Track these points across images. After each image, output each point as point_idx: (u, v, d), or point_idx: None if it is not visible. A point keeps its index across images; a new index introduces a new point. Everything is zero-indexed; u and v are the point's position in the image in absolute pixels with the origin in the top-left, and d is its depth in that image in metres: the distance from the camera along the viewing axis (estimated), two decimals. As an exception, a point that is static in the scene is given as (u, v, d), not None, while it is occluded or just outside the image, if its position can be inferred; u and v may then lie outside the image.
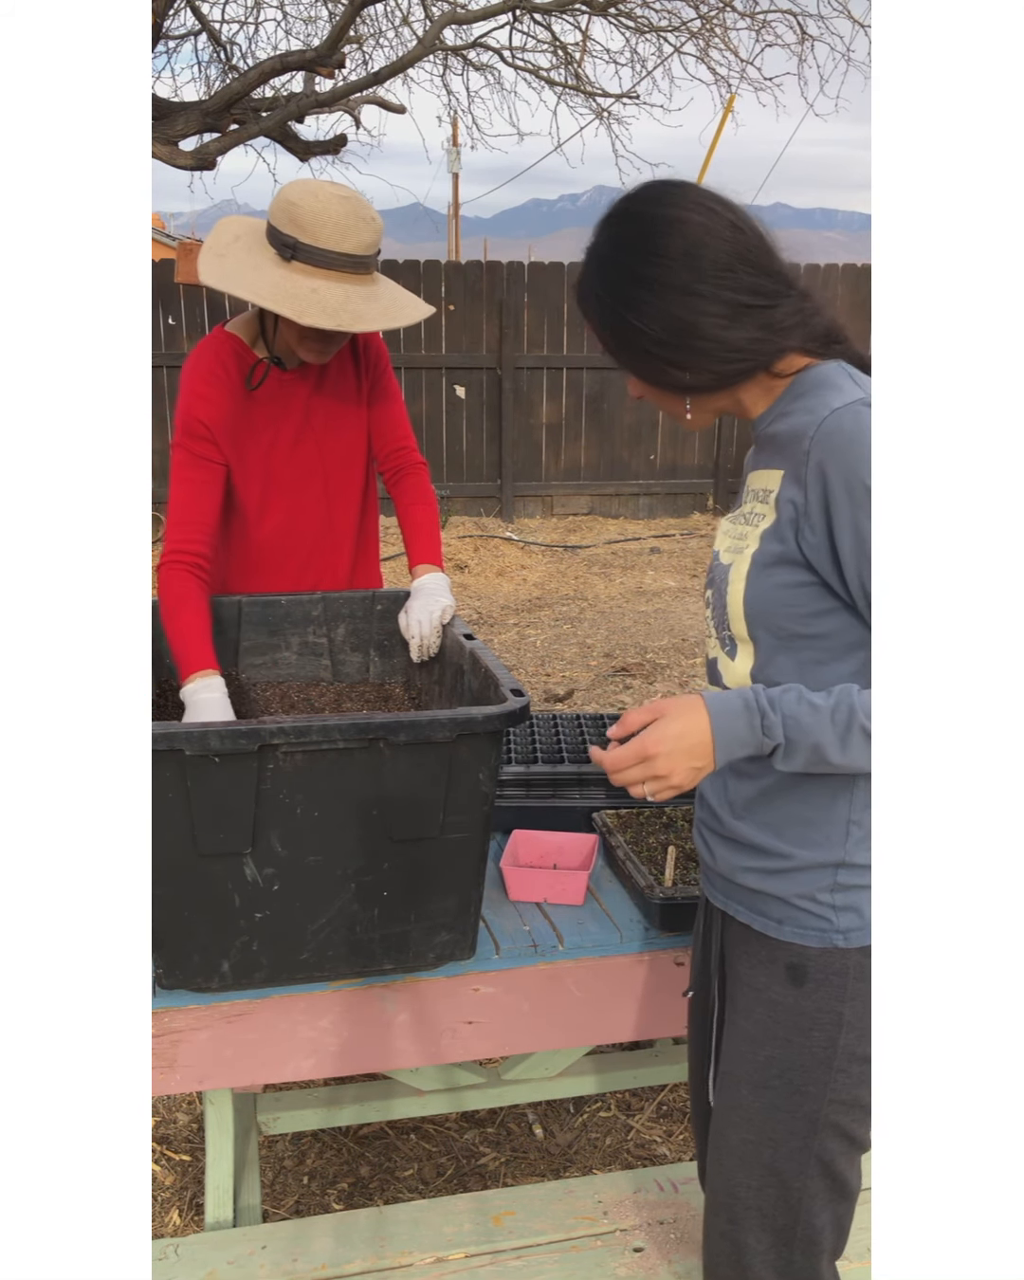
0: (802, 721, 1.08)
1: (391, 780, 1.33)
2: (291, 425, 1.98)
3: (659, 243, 1.11)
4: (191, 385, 1.89)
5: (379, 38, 7.95)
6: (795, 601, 1.14)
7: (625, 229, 1.15)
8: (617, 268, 1.15)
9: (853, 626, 1.13)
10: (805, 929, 1.19)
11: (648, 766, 1.11)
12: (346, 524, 2.08)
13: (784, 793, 1.19)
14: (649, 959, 1.57)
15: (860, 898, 1.17)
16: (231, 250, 1.80)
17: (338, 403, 2.01)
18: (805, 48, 7.97)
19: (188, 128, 6.16)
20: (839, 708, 1.07)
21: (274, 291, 1.72)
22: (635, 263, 1.13)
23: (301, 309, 1.71)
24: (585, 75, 8.18)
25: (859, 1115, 1.20)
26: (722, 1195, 1.27)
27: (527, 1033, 1.57)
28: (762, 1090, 1.22)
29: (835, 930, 1.17)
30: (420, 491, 2.09)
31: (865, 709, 1.06)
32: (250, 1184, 1.87)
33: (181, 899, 1.33)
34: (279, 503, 1.99)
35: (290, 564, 2.05)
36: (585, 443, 8.60)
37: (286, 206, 1.74)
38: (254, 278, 1.74)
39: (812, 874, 1.18)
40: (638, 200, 1.16)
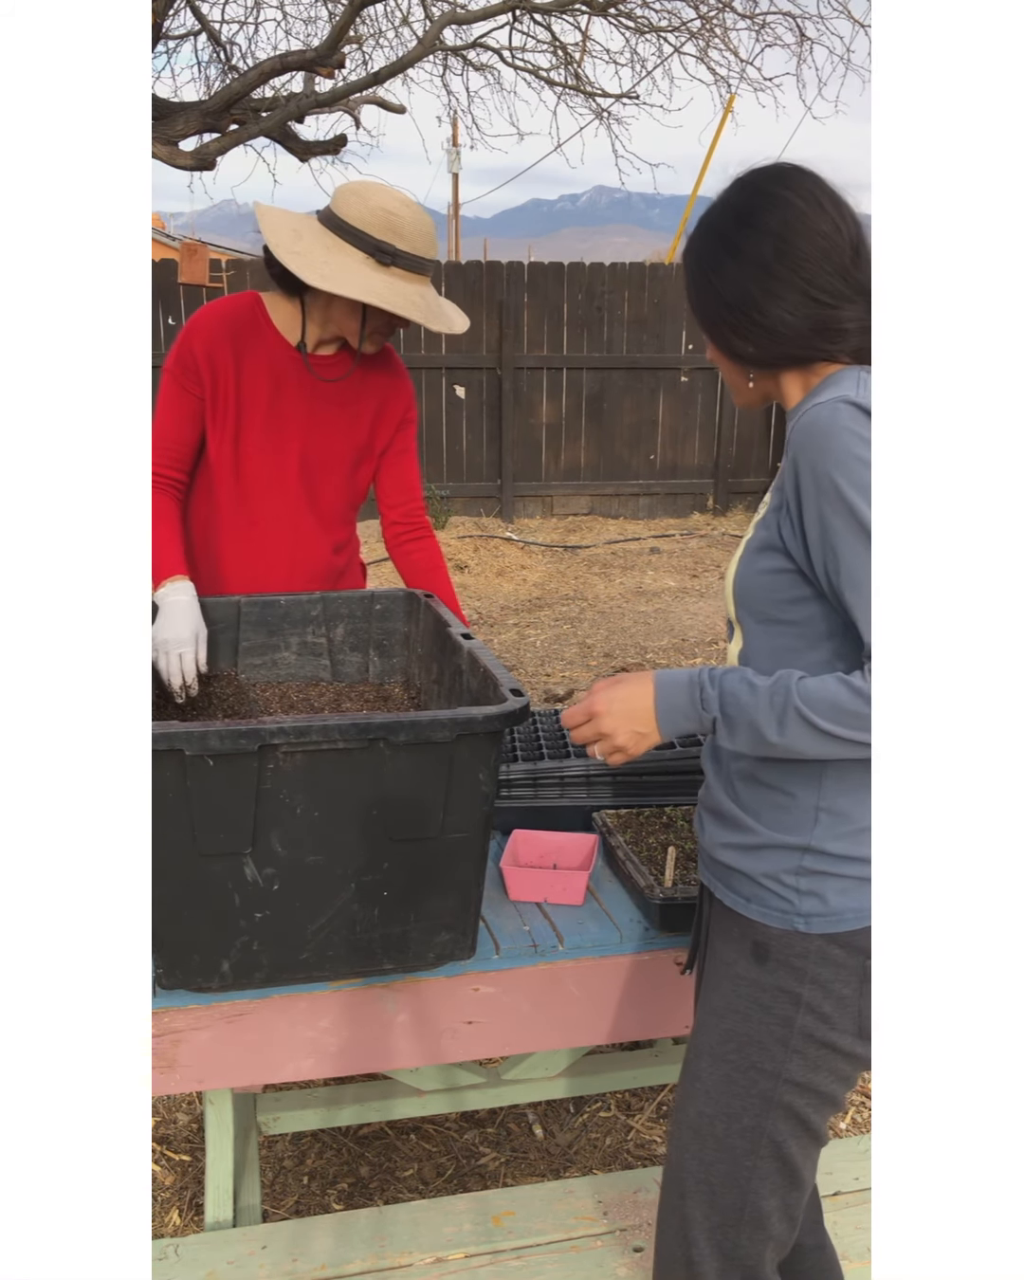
0: (740, 699, 1.13)
1: (391, 780, 1.33)
2: (296, 412, 1.99)
3: (758, 216, 1.17)
4: (197, 319, 1.97)
5: (379, 38, 7.95)
6: (775, 587, 1.18)
7: (736, 196, 1.22)
8: (714, 230, 1.22)
9: (826, 615, 1.16)
10: (768, 909, 1.21)
11: (595, 724, 1.22)
12: (332, 522, 2.10)
13: (765, 773, 1.22)
14: (649, 959, 1.57)
15: (825, 885, 1.19)
16: (305, 248, 1.82)
17: (342, 406, 2.02)
18: (805, 49, 7.97)
19: (188, 128, 6.16)
20: (777, 689, 1.11)
21: (393, 295, 1.82)
22: (731, 229, 1.19)
23: (426, 315, 1.85)
24: (585, 75, 8.18)
25: (815, 1102, 1.22)
26: (674, 1168, 1.30)
27: (526, 1033, 1.57)
28: (719, 1062, 1.25)
29: (796, 913, 1.19)
30: (435, 560, 2.16)
31: (803, 694, 1.09)
32: (250, 1184, 1.87)
33: (181, 899, 1.33)
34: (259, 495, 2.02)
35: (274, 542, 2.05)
36: (585, 443, 8.60)
37: (382, 214, 1.81)
38: (364, 282, 1.80)
39: (778, 854, 1.21)
40: (760, 174, 1.22)
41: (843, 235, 1.17)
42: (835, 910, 1.18)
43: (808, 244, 1.16)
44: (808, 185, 1.18)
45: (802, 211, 1.16)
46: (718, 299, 1.20)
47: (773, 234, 1.16)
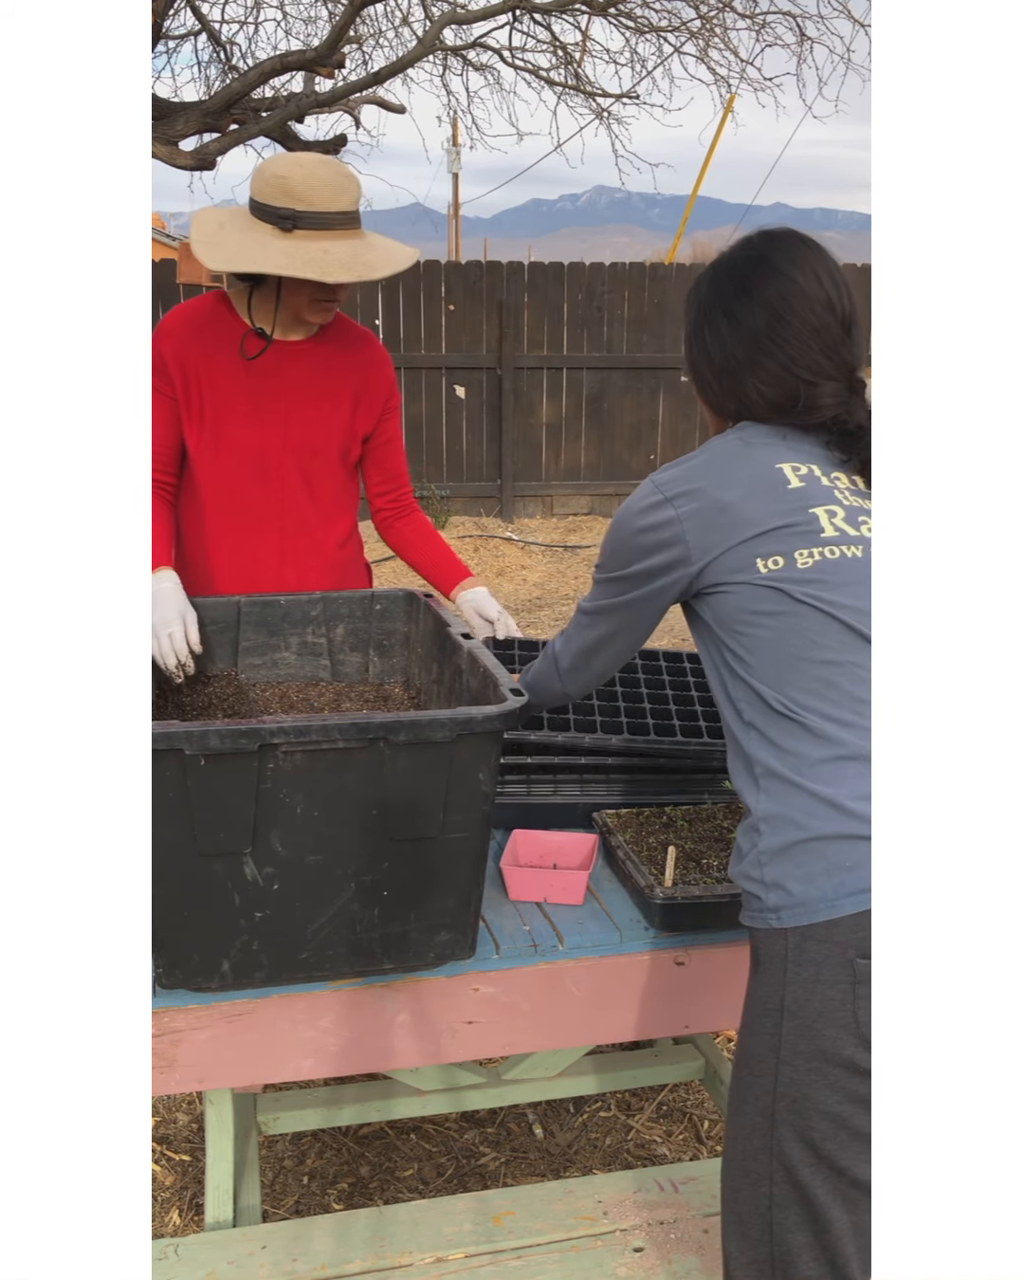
0: None
1: (391, 780, 1.33)
2: (267, 395, 2.00)
3: (757, 286, 1.25)
4: (163, 323, 1.98)
5: (379, 38, 7.95)
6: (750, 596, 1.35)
7: (741, 258, 1.29)
8: (716, 289, 1.30)
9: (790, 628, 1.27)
10: (751, 911, 1.22)
11: None
12: (331, 513, 2.10)
13: (730, 746, 1.29)
14: (649, 959, 1.57)
15: (785, 873, 1.18)
16: (223, 236, 1.84)
17: (320, 390, 2.03)
18: (805, 49, 7.97)
19: (188, 128, 6.16)
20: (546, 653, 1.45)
21: (288, 260, 1.78)
22: (730, 293, 1.28)
23: (323, 270, 1.78)
24: (585, 75, 8.17)
25: (823, 1125, 1.16)
26: (722, 1203, 1.28)
27: (527, 1033, 1.57)
28: (736, 1082, 1.25)
29: (767, 909, 1.19)
30: (428, 528, 2.20)
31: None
32: (250, 1184, 1.87)
33: (181, 899, 1.33)
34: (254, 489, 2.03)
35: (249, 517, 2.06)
36: (585, 443, 8.60)
37: (275, 181, 1.80)
38: (261, 253, 1.79)
39: (742, 841, 1.22)
40: (768, 240, 1.29)
41: (836, 313, 1.24)
42: (801, 900, 1.16)
43: (800, 321, 1.23)
44: (810, 259, 1.25)
45: (800, 287, 1.23)
46: (706, 357, 1.30)
47: (769, 307, 1.24)
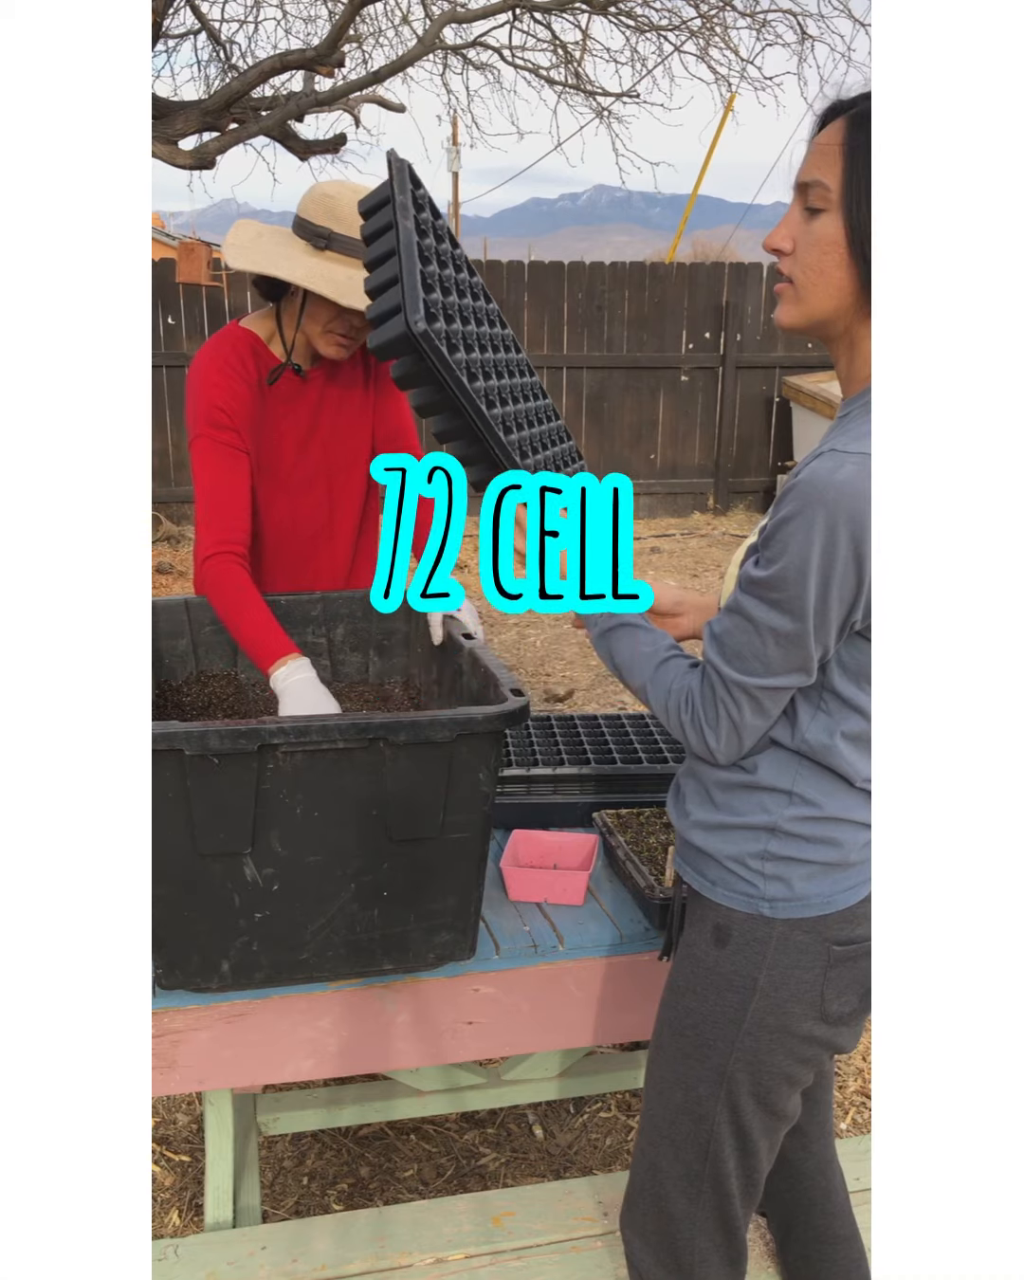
0: (638, 636, 1.27)
1: (391, 780, 1.33)
2: (301, 425, 1.98)
3: None
4: (208, 375, 1.87)
5: (379, 37, 7.95)
6: None
7: None
8: None
9: None
10: (734, 892, 1.22)
11: None
12: (347, 524, 2.09)
13: (743, 761, 1.25)
14: (649, 959, 1.57)
15: (791, 870, 1.19)
16: (257, 243, 1.83)
17: (346, 406, 2.01)
18: (805, 47, 7.97)
19: (187, 127, 6.15)
20: (657, 650, 1.24)
21: (309, 274, 1.76)
22: None
23: (340, 291, 1.75)
24: (585, 74, 8.17)
25: (771, 1081, 1.24)
26: (645, 1119, 1.35)
27: (527, 1033, 1.57)
28: (678, 1036, 1.28)
29: (762, 898, 1.20)
30: None
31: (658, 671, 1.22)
32: (250, 1184, 1.87)
33: (181, 899, 1.33)
34: (282, 501, 1.99)
35: (289, 560, 2.05)
36: (585, 443, 8.59)
37: (322, 199, 1.80)
38: (289, 264, 1.78)
39: (745, 835, 1.21)
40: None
41: None
42: (800, 895, 1.19)
43: None
44: None
45: None
46: None
47: None
